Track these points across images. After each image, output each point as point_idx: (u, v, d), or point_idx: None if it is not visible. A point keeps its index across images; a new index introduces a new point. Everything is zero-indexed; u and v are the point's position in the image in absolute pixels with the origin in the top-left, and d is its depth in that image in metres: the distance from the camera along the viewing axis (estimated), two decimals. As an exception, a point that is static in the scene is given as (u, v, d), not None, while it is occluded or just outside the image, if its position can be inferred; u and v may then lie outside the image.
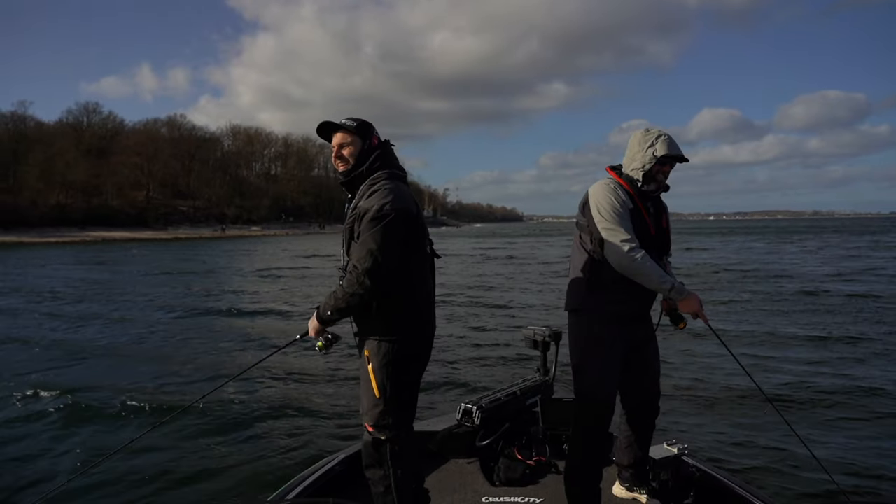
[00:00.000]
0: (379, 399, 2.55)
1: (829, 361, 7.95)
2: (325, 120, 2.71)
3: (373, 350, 2.57)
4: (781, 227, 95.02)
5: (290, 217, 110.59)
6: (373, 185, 2.57)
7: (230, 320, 12.85)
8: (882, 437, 5.24)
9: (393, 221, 2.44)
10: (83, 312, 13.98)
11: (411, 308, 2.60)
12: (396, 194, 2.51)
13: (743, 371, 3.26)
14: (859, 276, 18.80)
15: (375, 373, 2.55)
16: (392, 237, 2.44)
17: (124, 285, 20.27)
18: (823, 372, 7.39)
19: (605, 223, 2.78)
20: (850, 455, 4.80)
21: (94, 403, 6.50)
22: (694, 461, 3.24)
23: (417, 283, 2.63)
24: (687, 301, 2.82)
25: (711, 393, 6.53)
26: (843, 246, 37.02)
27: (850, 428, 5.45)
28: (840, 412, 5.87)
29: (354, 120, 2.69)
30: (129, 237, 68.61)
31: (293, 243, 54.74)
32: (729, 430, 5.45)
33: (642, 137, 2.90)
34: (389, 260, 2.44)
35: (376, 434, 2.58)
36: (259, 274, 24.51)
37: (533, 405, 3.59)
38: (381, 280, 2.44)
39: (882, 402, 6.14)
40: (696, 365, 7.63)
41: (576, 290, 2.97)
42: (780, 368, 7.58)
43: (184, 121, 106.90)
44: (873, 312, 11.89)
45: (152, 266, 28.77)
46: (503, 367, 7.95)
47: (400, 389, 2.58)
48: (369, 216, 2.45)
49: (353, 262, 2.48)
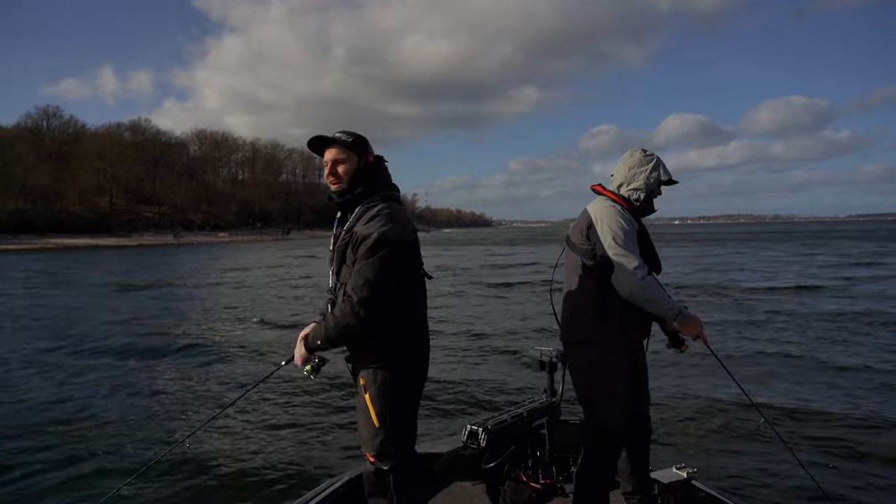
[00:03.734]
0: (379, 428, 2.48)
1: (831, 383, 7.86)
2: (317, 134, 2.57)
3: (369, 379, 2.50)
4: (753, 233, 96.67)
5: (258, 223, 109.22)
6: (370, 208, 2.47)
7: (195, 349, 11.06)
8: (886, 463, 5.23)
9: (391, 251, 2.36)
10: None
11: (408, 334, 2.53)
12: (396, 221, 2.42)
13: (743, 393, 3.30)
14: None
15: (374, 401, 2.48)
16: (390, 267, 2.37)
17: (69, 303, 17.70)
18: (828, 395, 7.36)
19: (617, 249, 2.72)
20: (854, 481, 4.84)
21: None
22: (703, 485, 3.24)
23: (413, 308, 2.56)
24: (690, 324, 2.80)
25: (719, 416, 6.52)
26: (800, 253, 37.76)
27: (856, 453, 5.43)
28: (842, 434, 5.86)
29: (349, 134, 2.54)
30: (92, 244, 66.83)
31: (248, 252, 51.94)
32: (737, 454, 5.45)
33: (643, 158, 2.89)
34: (386, 291, 2.37)
35: (378, 464, 2.52)
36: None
37: (540, 427, 3.56)
38: (376, 310, 2.36)
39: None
40: (700, 388, 7.64)
41: (582, 319, 2.89)
42: (781, 390, 7.54)
43: (148, 125, 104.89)
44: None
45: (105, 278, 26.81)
46: (509, 388, 7.88)
47: (400, 416, 2.52)
48: (367, 245, 2.36)
49: (348, 291, 2.39)
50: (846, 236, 66.66)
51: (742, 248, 45.03)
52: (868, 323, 12.12)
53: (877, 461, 5.23)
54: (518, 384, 7.97)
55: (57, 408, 7.02)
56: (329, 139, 2.55)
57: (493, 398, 7.35)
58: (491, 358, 9.90)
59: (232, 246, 68.88)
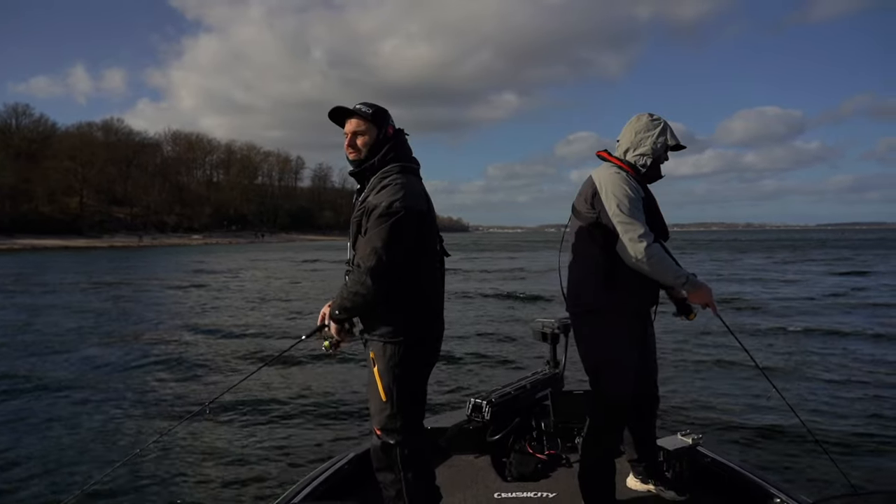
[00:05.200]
0: (386, 402, 2.46)
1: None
2: (338, 105, 2.57)
3: (377, 352, 2.48)
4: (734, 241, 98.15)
5: (234, 226, 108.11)
6: (384, 178, 2.46)
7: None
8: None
9: (401, 220, 2.34)
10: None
11: (420, 308, 2.50)
12: (408, 190, 2.41)
13: (753, 362, 3.29)
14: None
15: (381, 376, 2.46)
16: (399, 236, 2.35)
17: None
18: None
19: (621, 216, 2.66)
20: (861, 440, 4.99)
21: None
22: (708, 451, 3.25)
23: (427, 282, 2.53)
24: (699, 293, 2.75)
25: (726, 385, 6.66)
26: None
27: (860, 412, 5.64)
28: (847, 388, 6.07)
29: (370, 106, 2.55)
30: (62, 245, 65.44)
31: (216, 256, 49.58)
32: (743, 421, 5.55)
33: (649, 122, 2.84)
34: (394, 259, 2.35)
35: (385, 438, 2.50)
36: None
37: (543, 398, 3.56)
38: (384, 279, 2.35)
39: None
40: (707, 357, 7.77)
41: (589, 287, 2.83)
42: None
43: (121, 125, 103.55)
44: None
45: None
46: (513, 361, 7.90)
47: (407, 391, 2.49)
48: (378, 213, 2.35)
49: (357, 260, 2.39)
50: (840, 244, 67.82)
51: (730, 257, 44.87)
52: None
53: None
54: (520, 356, 8.00)
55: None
56: (349, 111, 2.55)
57: (496, 370, 7.38)
58: (493, 331, 9.93)
59: (203, 249, 67.85)
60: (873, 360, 8.19)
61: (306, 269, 32.30)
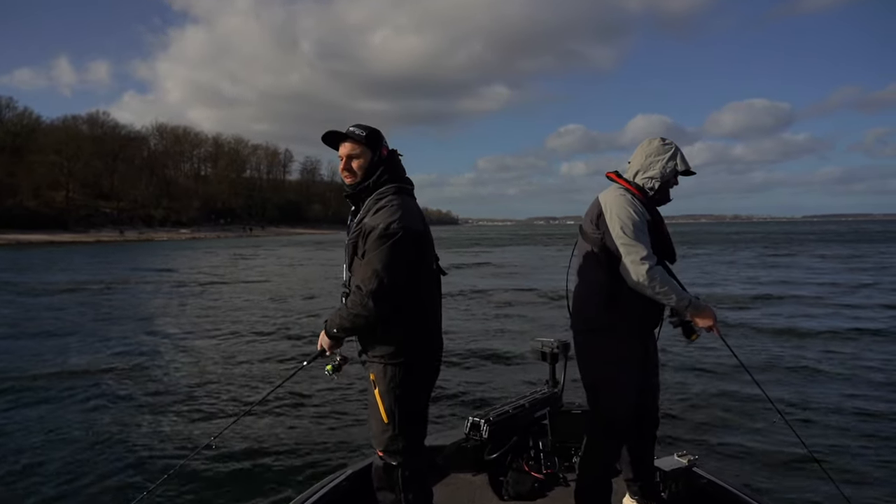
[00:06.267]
0: (388, 424, 2.49)
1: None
2: (331, 130, 2.57)
3: (378, 374, 2.50)
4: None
5: (222, 219, 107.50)
6: (379, 199, 2.47)
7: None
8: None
9: (400, 241, 2.37)
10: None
11: (419, 329, 2.52)
12: (405, 211, 2.43)
13: (754, 382, 3.29)
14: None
15: (383, 398, 2.48)
16: (399, 257, 2.37)
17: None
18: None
19: (624, 238, 2.70)
20: (859, 464, 4.96)
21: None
22: (704, 472, 3.28)
23: (427, 302, 2.55)
24: (702, 315, 2.80)
25: (722, 405, 6.62)
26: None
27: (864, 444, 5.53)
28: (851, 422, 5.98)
29: (363, 128, 2.55)
30: (47, 240, 64.70)
31: (206, 253, 46.18)
32: (739, 442, 5.54)
33: (660, 147, 2.87)
34: (395, 281, 2.36)
35: (388, 459, 2.53)
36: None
37: (542, 417, 3.58)
38: (386, 302, 2.37)
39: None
40: (705, 377, 7.75)
41: (591, 307, 2.88)
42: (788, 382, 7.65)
43: (106, 118, 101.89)
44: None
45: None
46: (511, 380, 7.88)
47: (409, 413, 2.52)
48: (376, 234, 2.37)
49: (358, 283, 2.40)
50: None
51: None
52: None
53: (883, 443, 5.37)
54: (519, 376, 7.97)
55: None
56: (343, 134, 2.55)
57: (495, 390, 7.38)
58: (491, 352, 9.94)
59: (191, 244, 66.72)
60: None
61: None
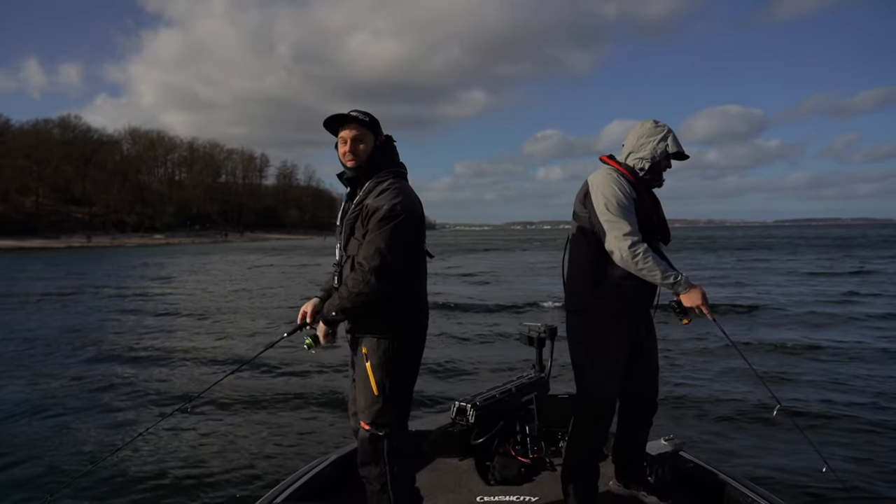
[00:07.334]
0: (377, 397, 2.53)
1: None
2: (337, 112, 2.61)
3: (371, 347, 2.54)
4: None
5: (197, 225, 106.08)
6: (380, 182, 2.54)
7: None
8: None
9: (403, 222, 2.45)
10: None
11: (413, 307, 2.61)
12: (406, 195, 2.53)
13: (749, 367, 3.33)
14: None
15: (374, 370, 2.53)
16: (401, 238, 2.46)
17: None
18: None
19: (608, 215, 2.68)
20: (850, 451, 4.94)
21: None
22: (690, 456, 3.28)
23: (417, 281, 2.63)
24: (690, 294, 2.70)
25: (710, 390, 6.64)
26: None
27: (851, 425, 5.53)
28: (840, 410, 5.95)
29: (364, 113, 2.63)
30: (16, 246, 63.20)
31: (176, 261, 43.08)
32: (726, 426, 5.56)
33: (652, 129, 2.86)
34: (397, 260, 2.45)
35: (374, 430, 2.56)
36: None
37: (528, 402, 3.56)
38: (388, 279, 2.44)
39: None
40: (695, 363, 7.77)
41: (578, 287, 2.87)
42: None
43: (78, 121, 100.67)
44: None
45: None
46: (498, 365, 7.88)
47: (398, 387, 2.58)
48: (379, 215, 2.44)
49: (360, 260, 2.46)
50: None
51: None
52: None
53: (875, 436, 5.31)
54: (506, 360, 7.97)
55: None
56: (348, 117, 2.61)
57: (482, 374, 7.38)
58: (479, 335, 9.92)
59: (163, 249, 65.49)
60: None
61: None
